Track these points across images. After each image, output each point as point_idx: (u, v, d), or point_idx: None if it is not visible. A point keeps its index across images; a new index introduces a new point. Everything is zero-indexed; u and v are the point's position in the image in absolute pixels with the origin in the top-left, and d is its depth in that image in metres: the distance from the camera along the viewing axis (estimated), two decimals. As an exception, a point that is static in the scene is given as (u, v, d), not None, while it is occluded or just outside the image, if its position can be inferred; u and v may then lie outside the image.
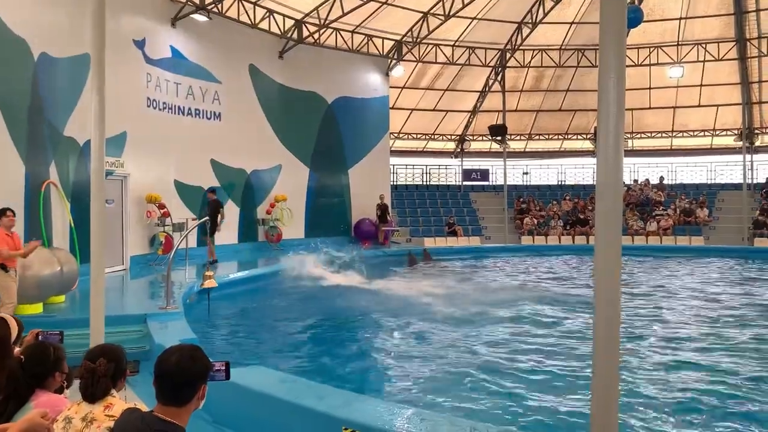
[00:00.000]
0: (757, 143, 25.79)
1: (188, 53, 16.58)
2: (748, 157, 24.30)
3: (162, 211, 14.92)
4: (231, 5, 17.26)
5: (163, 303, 8.76)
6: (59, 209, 11.02)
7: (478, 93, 26.22)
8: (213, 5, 16.38)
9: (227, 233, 17.60)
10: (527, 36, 23.18)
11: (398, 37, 22.31)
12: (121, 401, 2.82)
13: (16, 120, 9.64)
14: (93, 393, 2.77)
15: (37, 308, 8.46)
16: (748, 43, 22.98)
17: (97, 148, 5.10)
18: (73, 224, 11.18)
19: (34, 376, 3.03)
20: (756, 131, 25.54)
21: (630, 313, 10.37)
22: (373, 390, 6.36)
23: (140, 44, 14.80)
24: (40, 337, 3.71)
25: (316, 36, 20.24)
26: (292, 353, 8.10)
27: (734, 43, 23.11)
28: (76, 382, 2.93)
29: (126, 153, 13.83)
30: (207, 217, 13.48)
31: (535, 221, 24.07)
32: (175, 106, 16.17)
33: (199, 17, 16.26)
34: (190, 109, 16.72)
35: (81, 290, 9.57)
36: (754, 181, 25.13)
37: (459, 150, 28.40)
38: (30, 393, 3.00)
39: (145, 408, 2.57)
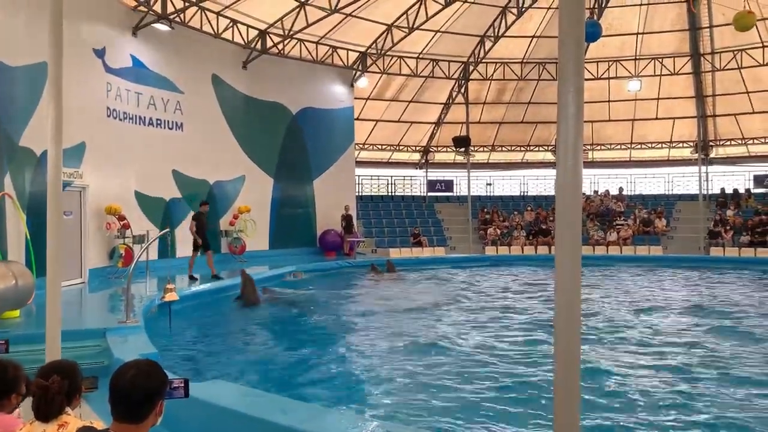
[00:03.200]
0: (712, 155, 26.60)
1: (150, 63, 16.36)
2: (703, 168, 25.02)
3: (122, 222, 14.63)
4: (194, 15, 17.12)
5: (122, 317, 8.56)
6: (14, 221, 10.72)
7: (442, 105, 26.47)
8: (175, 15, 16.23)
9: (189, 245, 17.33)
10: (490, 49, 23.53)
11: (363, 49, 22.40)
12: (76, 419, 2.74)
13: (-30, 130, 9.40)
14: (46, 412, 2.68)
15: (-10, 324, 8.19)
16: (702, 58, 23.72)
17: (54, 159, 4.98)
18: (29, 237, 10.87)
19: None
20: (710, 143, 26.34)
21: (592, 320, 10.54)
22: (337, 403, 6.31)
23: (100, 53, 14.55)
24: None
25: (280, 47, 20.20)
26: (255, 367, 8.00)
27: (689, 57, 23.82)
28: (28, 401, 2.84)
29: (85, 164, 13.54)
30: (167, 229, 13.28)
31: (499, 232, 24.32)
32: (136, 116, 15.92)
33: (161, 27, 16.08)
34: (151, 119, 16.48)
35: (37, 304, 9.30)
36: (709, 192, 25.88)
37: (423, 161, 28.59)
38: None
39: (101, 425, 2.50)
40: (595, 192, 27.33)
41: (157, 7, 15.68)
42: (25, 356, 6.00)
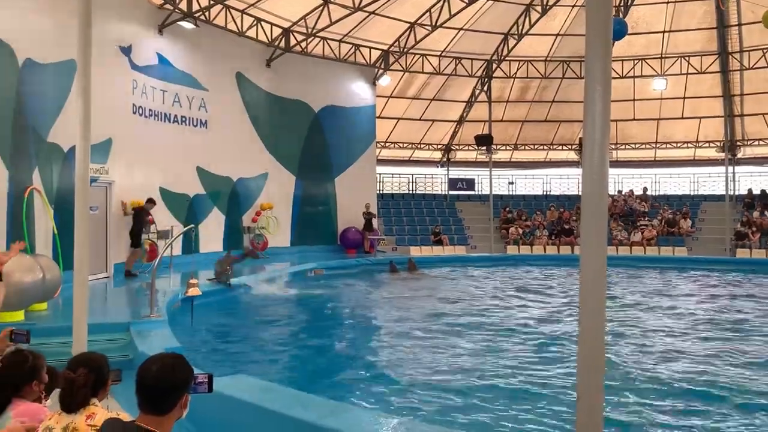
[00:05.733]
0: (739, 155, 26.14)
1: (175, 60, 16.53)
2: (730, 168, 24.62)
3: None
4: (218, 13, 17.25)
5: (146, 311, 8.69)
6: (42, 216, 10.91)
7: (465, 103, 26.36)
8: (200, 13, 16.36)
9: (212, 241, 17.55)
10: (513, 47, 23.37)
11: (385, 47, 22.39)
12: (103, 411, 2.79)
13: (0, 125, 9.56)
14: (70, 403, 2.73)
15: (18, 316, 8.35)
16: (731, 57, 23.32)
17: (81, 155, 5.07)
18: (56, 231, 11.07)
19: (11, 385, 2.99)
20: (738, 143, 25.90)
21: (617, 323, 10.44)
22: (358, 399, 6.33)
23: (126, 51, 14.73)
24: (12, 335, 3.72)
25: (303, 45, 20.27)
26: (277, 361, 8.06)
27: (716, 56, 23.44)
28: (56, 392, 2.89)
29: (111, 160, 13.72)
30: (192, 225, 13.38)
31: (521, 231, 24.16)
32: (161, 113, 16.10)
33: (187, 24, 16.22)
34: (176, 116, 16.64)
35: (64, 298, 9.45)
36: (736, 193, 25.44)
37: (445, 159, 28.50)
38: (7, 402, 2.95)
39: (127, 417, 2.54)
40: (619, 192, 27.01)
41: (183, 5, 15.83)
42: (52, 348, 6.11)
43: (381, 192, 26.15)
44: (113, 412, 2.79)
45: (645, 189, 27.04)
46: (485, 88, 24.97)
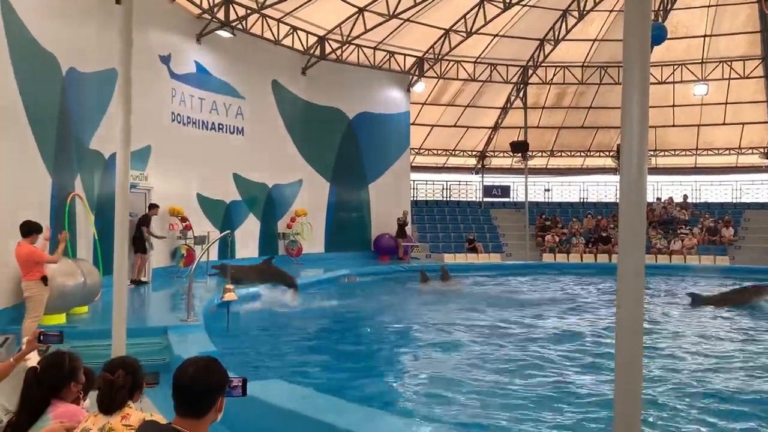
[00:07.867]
0: (784, 162, 25.41)
1: (213, 69, 16.82)
2: (774, 175, 23.94)
3: (184, 224, 15.06)
4: (255, 22, 17.50)
5: (183, 315, 8.81)
6: (83, 221, 11.15)
7: (500, 109, 26.19)
8: (237, 22, 16.62)
9: (248, 247, 17.74)
10: (549, 53, 23.15)
11: (420, 54, 22.41)
12: (137, 412, 2.84)
13: (45, 133, 9.80)
14: (109, 404, 2.79)
15: (60, 319, 8.56)
16: (775, 61, 22.71)
17: (122, 164, 5.17)
18: (96, 236, 11.31)
19: (50, 386, 3.04)
20: (783, 149, 25.18)
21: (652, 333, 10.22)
22: (392, 406, 6.31)
23: (166, 59, 15.03)
24: (41, 336, 3.76)
25: (338, 52, 20.42)
26: (312, 367, 8.08)
27: (760, 60, 22.85)
28: (92, 394, 2.94)
29: (150, 166, 14.00)
30: (229, 231, 13.53)
31: (557, 239, 23.84)
32: (199, 120, 16.38)
33: (224, 33, 16.49)
34: (213, 123, 16.91)
35: (103, 301, 9.66)
36: (781, 200, 24.72)
37: (480, 166, 28.33)
38: (45, 404, 3.00)
39: (162, 420, 2.58)
40: (658, 199, 26.46)
41: (221, 15, 16.11)
42: (92, 351, 6.24)
43: (415, 199, 26.13)
44: (147, 413, 2.83)
45: (685, 196, 26.43)
46: (521, 94, 24.76)
